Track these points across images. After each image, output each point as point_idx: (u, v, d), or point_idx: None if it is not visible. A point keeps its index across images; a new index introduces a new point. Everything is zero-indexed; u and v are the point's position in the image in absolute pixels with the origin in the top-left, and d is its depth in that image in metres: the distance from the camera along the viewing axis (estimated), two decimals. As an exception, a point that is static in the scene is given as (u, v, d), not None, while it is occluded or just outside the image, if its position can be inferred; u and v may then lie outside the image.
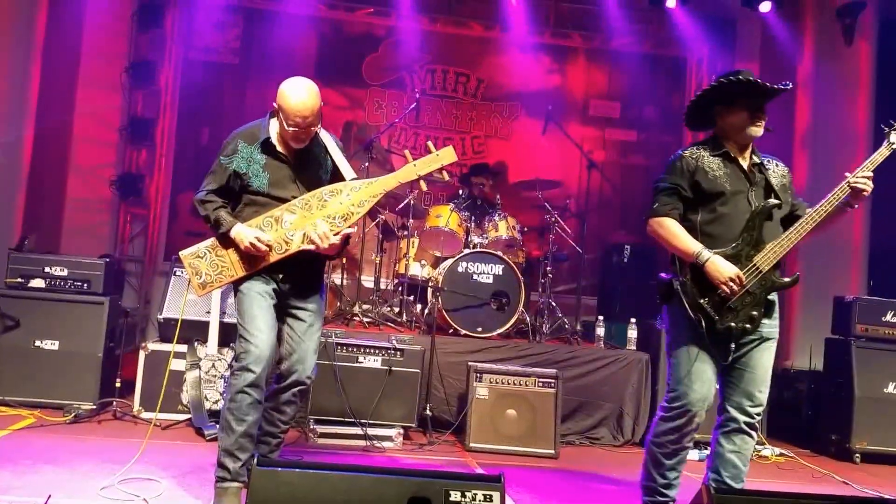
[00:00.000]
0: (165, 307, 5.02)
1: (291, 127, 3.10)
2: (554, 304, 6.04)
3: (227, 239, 3.17)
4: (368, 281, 6.62)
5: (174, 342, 4.23)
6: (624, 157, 8.08)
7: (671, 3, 7.15)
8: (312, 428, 4.56)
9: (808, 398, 5.98)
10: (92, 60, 7.00)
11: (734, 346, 3.06)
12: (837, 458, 5.26)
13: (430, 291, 5.67)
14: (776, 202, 3.06)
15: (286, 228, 3.16)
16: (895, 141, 3.05)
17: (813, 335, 6.14)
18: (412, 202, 5.94)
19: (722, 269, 2.96)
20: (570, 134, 6.93)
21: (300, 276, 3.26)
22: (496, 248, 5.84)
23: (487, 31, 7.85)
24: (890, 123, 3.09)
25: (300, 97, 3.09)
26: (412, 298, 5.97)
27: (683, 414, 3.09)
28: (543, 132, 6.95)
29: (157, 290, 6.70)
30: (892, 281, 6.56)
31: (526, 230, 6.32)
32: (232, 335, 4.69)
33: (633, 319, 5.69)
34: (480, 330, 5.43)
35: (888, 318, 5.42)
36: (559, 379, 4.85)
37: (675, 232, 3.07)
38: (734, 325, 3.00)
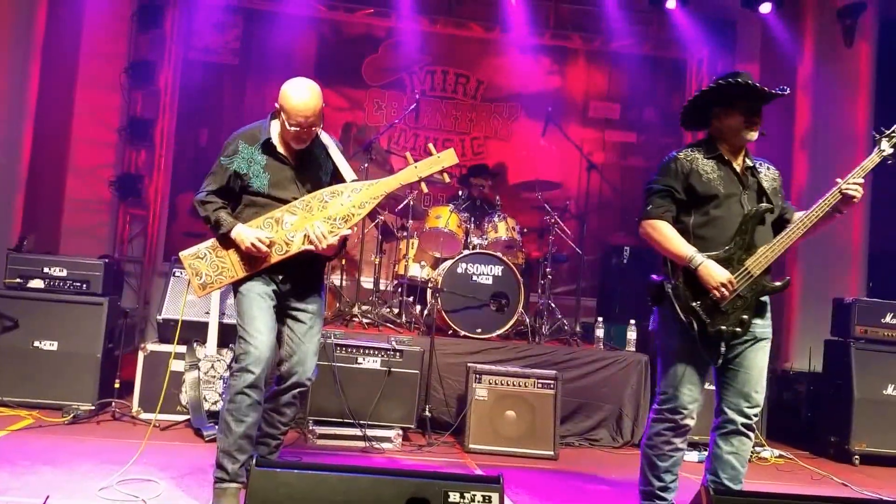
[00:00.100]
0: (164, 308, 5.02)
1: (293, 127, 3.10)
2: (553, 305, 6.04)
3: (227, 240, 3.16)
4: (368, 282, 6.61)
5: (174, 343, 4.23)
6: (624, 158, 8.07)
7: (671, 4, 7.14)
8: (311, 429, 4.56)
9: (807, 400, 5.97)
10: (91, 60, 6.99)
11: (724, 348, 3.07)
12: (836, 459, 5.26)
13: (429, 292, 5.67)
14: (769, 206, 3.08)
15: (287, 229, 3.15)
16: (886, 148, 3.06)
17: (812, 337, 6.14)
18: (412, 203, 5.94)
19: (714, 273, 2.96)
20: (569, 135, 6.92)
21: (300, 277, 3.25)
22: (496, 249, 5.84)
23: (487, 32, 7.84)
24: (881, 130, 3.10)
25: (302, 97, 3.08)
26: (411, 299, 5.97)
27: (675, 415, 3.09)
28: (543, 133, 6.95)
29: (156, 290, 6.69)
30: (891, 282, 6.56)
31: (525, 231, 6.32)
32: (231, 336, 4.69)
33: (632, 321, 5.68)
34: (480, 331, 5.43)
35: (887, 319, 5.42)
36: (558, 380, 4.85)
37: (668, 235, 3.07)
38: (725, 328, 3.00)
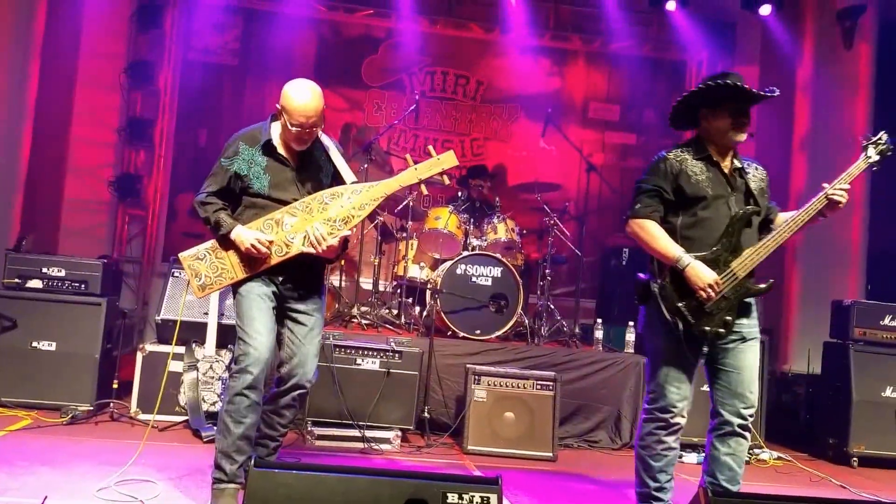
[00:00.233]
0: (163, 308, 5.01)
1: (295, 127, 3.10)
2: (552, 306, 6.03)
3: (227, 241, 3.16)
4: (367, 283, 6.61)
5: (173, 343, 4.22)
6: (623, 160, 8.07)
7: (671, 6, 7.15)
8: (310, 430, 4.55)
9: (805, 402, 5.97)
10: (91, 60, 6.99)
11: (707, 348, 3.11)
12: (835, 461, 5.25)
13: (428, 293, 5.67)
14: (756, 209, 3.11)
15: (287, 231, 3.15)
16: (872, 155, 3.09)
17: (811, 339, 6.14)
18: (411, 204, 5.94)
19: (702, 274, 2.98)
20: (569, 137, 6.93)
21: (300, 278, 3.25)
22: (495, 250, 5.84)
23: (487, 33, 7.84)
24: (868, 137, 3.12)
25: (304, 98, 3.09)
26: (411, 300, 5.97)
27: (665, 414, 3.11)
28: (543, 135, 6.95)
29: (154, 291, 6.68)
30: (890, 285, 6.56)
31: (525, 233, 6.32)
32: (230, 337, 4.70)
33: (631, 323, 5.66)
34: (479, 332, 5.43)
35: (886, 321, 5.42)
36: (557, 382, 4.84)
37: (655, 235, 3.10)
38: (709, 329, 3.02)
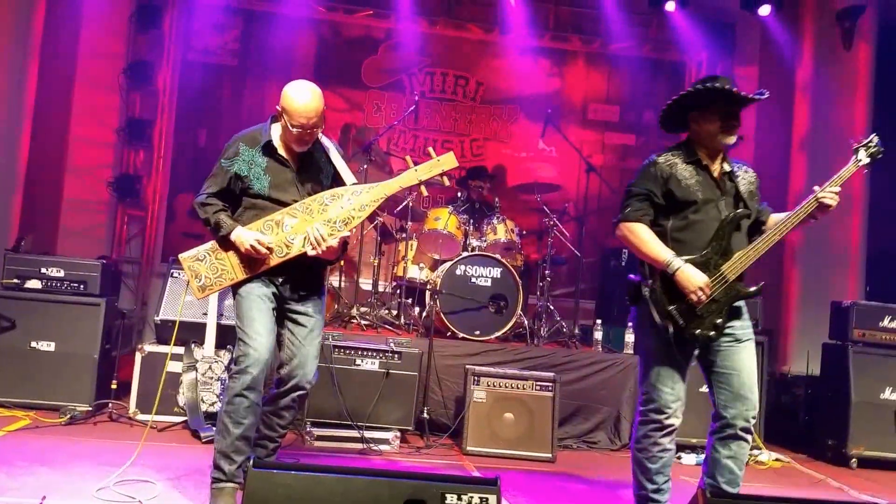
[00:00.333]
0: (162, 309, 5.00)
1: (296, 128, 3.10)
2: (552, 307, 6.03)
3: (227, 242, 3.15)
4: (366, 283, 6.61)
5: (172, 344, 4.21)
6: (623, 160, 8.07)
7: (670, 6, 7.15)
8: (309, 430, 4.55)
9: (805, 403, 5.97)
10: (90, 61, 6.99)
11: (698, 351, 3.12)
12: (834, 463, 5.25)
13: (428, 294, 5.67)
14: (745, 212, 3.12)
15: (287, 232, 3.14)
16: (862, 158, 3.10)
17: (810, 340, 6.13)
18: (411, 205, 5.94)
19: (692, 278, 2.99)
20: (568, 137, 6.92)
21: (300, 279, 3.24)
22: (494, 251, 5.83)
23: (487, 34, 7.84)
24: (858, 140, 3.13)
25: (305, 99, 3.09)
26: (410, 301, 5.96)
27: (659, 415, 3.11)
28: (542, 135, 6.95)
29: (153, 291, 6.68)
30: (889, 286, 6.56)
31: (524, 233, 6.31)
32: (229, 337, 4.70)
33: (630, 323, 5.67)
34: (478, 333, 5.42)
35: (885, 323, 5.41)
36: (557, 383, 4.84)
37: (645, 238, 3.10)
38: (699, 332, 3.03)
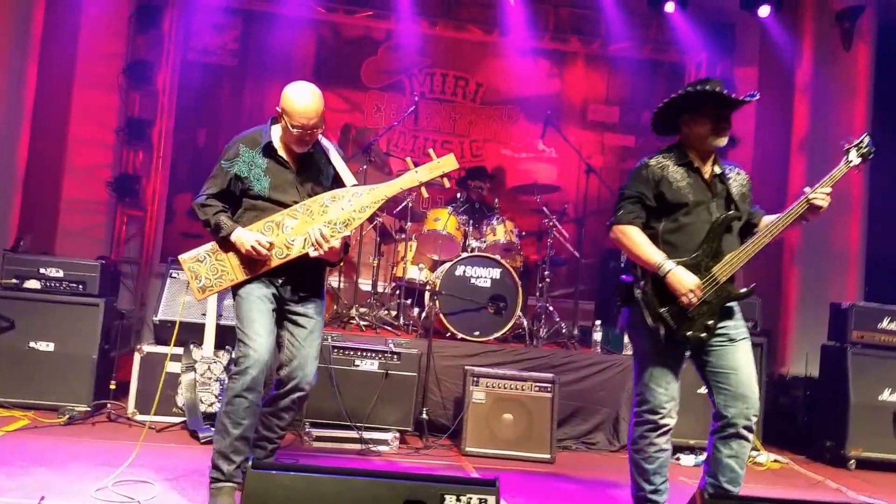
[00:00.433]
0: (161, 309, 5.00)
1: (296, 129, 3.10)
2: (551, 308, 6.02)
3: (227, 243, 3.15)
4: (366, 284, 6.60)
5: (171, 344, 4.20)
6: (622, 161, 8.06)
7: (670, 7, 7.14)
8: (308, 431, 4.55)
9: (803, 404, 5.96)
10: (89, 61, 6.97)
11: (689, 352, 3.14)
12: (832, 464, 5.24)
13: (427, 295, 5.66)
14: (736, 214, 3.13)
15: (287, 233, 3.14)
16: (853, 158, 3.10)
17: (809, 341, 6.13)
18: (410, 205, 5.93)
19: (683, 280, 3.00)
20: (568, 138, 6.92)
21: (300, 280, 3.24)
22: (494, 252, 5.83)
23: (487, 35, 7.82)
24: (850, 140, 3.13)
25: (305, 100, 3.09)
26: (409, 302, 5.96)
27: (653, 416, 3.13)
28: (542, 137, 6.95)
29: (152, 292, 6.67)
30: (888, 288, 6.56)
31: (524, 234, 6.31)
32: (228, 338, 4.70)
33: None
34: (477, 334, 5.42)
35: (884, 324, 5.41)
36: (556, 383, 4.84)
37: (637, 241, 3.12)
38: (690, 333, 3.05)
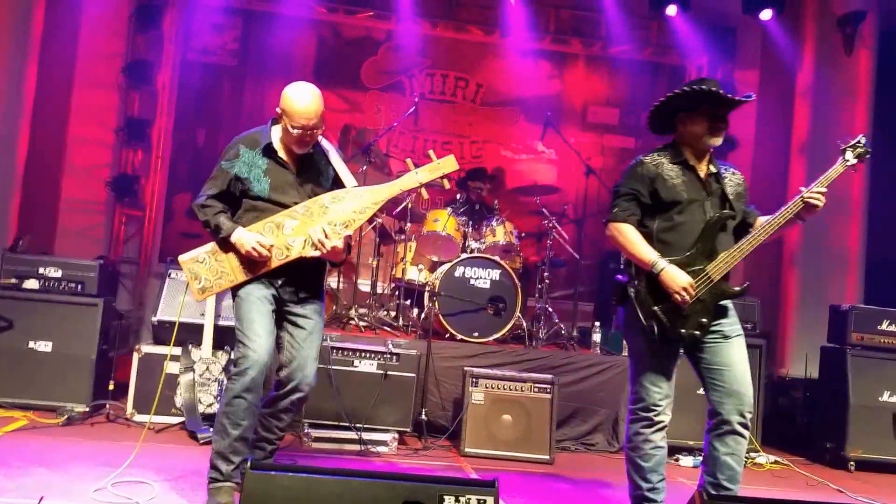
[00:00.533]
0: (160, 309, 4.99)
1: (297, 130, 3.10)
2: (550, 309, 6.02)
3: (226, 244, 3.14)
4: (365, 285, 6.60)
5: (171, 345, 4.20)
6: (622, 163, 8.05)
7: (671, 10, 7.15)
8: (307, 432, 4.54)
9: (803, 406, 5.97)
10: (89, 60, 6.97)
11: (684, 349, 3.15)
12: (832, 465, 5.25)
13: (426, 296, 5.66)
14: (730, 213, 3.14)
15: (287, 234, 3.14)
16: (850, 159, 3.11)
17: (809, 343, 6.14)
18: (410, 206, 5.93)
19: (676, 278, 3.01)
20: (568, 140, 6.92)
21: (300, 281, 3.24)
22: (493, 253, 5.83)
23: (487, 36, 7.83)
24: (846, 140, 3.14)
25: (305, 100, 3.09)
26: (409, 303, 5.96)
27: (648, 413, 3.14)
28: (542, 138, 6.95)
29: (151, 292, 6.67)
30: (888, 290, 6.56)
31: (523, 236, 6.31)
32: (227, 338, 4.69)
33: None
34: (477, 335, 5.42)
35: (884, 326, 5.42)
36: (555, 384, 4.84)
37: (632, 239, 3.13)
38: (684, 331, 3.05)
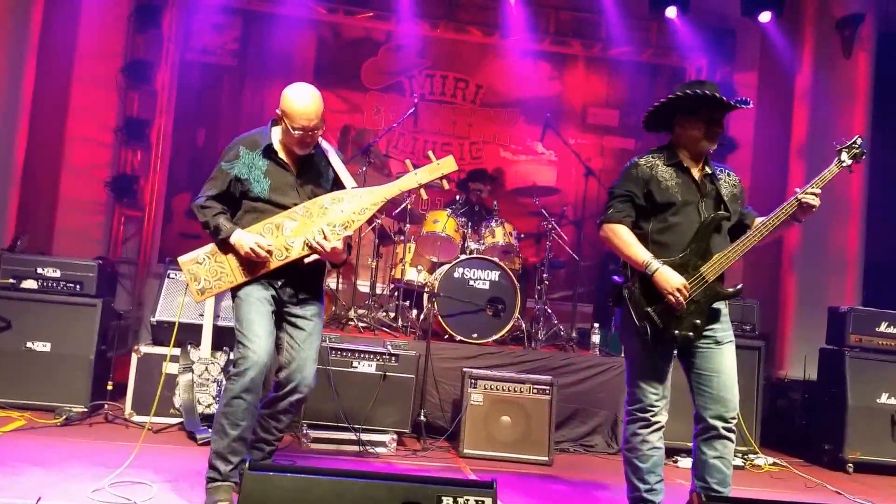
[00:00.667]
0: (158, 310, 4.99)
1: (297, 131, 3.10)
2: (550, 310, 6.02)
3: (226, 245, 3.14)
4: (364, 285, 6.59)
5: (171, 345, 4.19)
6: (622, 165, 7.92)
7: (671, 12, 7.15)
8: (305, 432, 4.54)
9: (801, 407, 5.98)
10: (88, 60, 6.96)
11: (678, 352, 3.16)
12: (830, 467, 5.25)
13: (425, 297, 5.65)
14: (725, 214, 3.14)
15: (287, 235, 3.14)
16: (845, 159, 3.11)
17: (807, 345, 6.15)
18: (409, 207, 5.93)
19: (670, 279, 3.02)
20: (568, 141, 6.93)
21: (300, 283, 3.24)
22: (493, 254, 5.83)
23: (487, 37, 7.83)
24: (842, 141, 3.14)
25: (305, 101, 3.09)
26: (408, 304, 5.96)
27: (645, 413, 3.14)
28: (542, 139, 6.95)
29: (150, 292, 6.65)
30: (886, 291, 6.57)
31: (523, 237, 6.30)
32: (225, 339, 4.69)
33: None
34: (476, 336, 5.42)
35: (882, 328, 5.43)
36: (554, 386, 4.84)
37: (626, 240, 3.15)
38: (678, 332, 3.06)
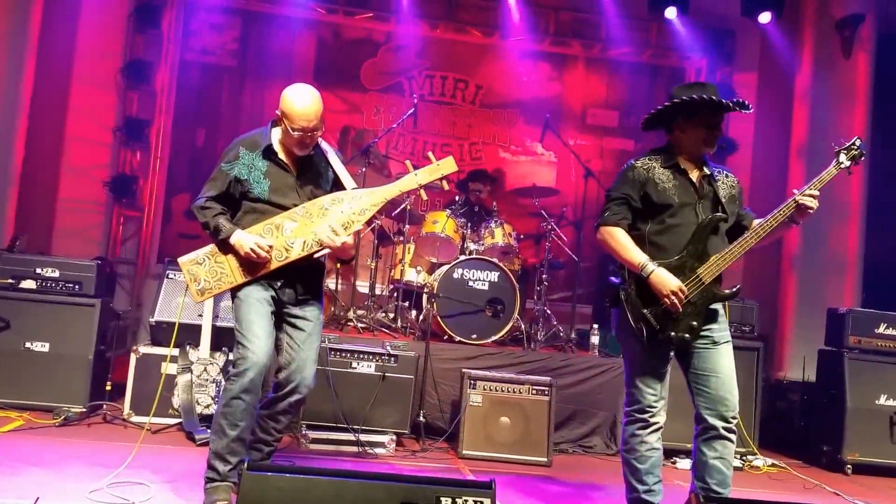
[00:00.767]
0: (157, 310, 4.98)
1: (297, 132, 3.10)
2: (549, 311, 6.02)
3: (226, 245, 3.15)
4: (363, 286, 6.59)
5: (170, 346, 4.18)
6: (621, 165, 7.98)
7: (671, 13, 7.16)
8: (304, 433, 4.54)
9: (800, 409, 5.97)
10: (87, 60, 6.95)
11: (674, 353, 3.16)
12: (829, 469, 5.25)
13: (425, 297, 5.65)
14: (722, 216, 3.15)
15: (287, 236, 3.15)
16: (844, 161, 3.11)
17: (806, 346, 6.15)
18: (408, 208, 5.93)
19: (666, 281, 3.02)
20: (567, 142, 6.93)
21: (299, 283, 3.24)
22: (492, 254, 5.83)
23: (487, 37, 7.83)
24: (840, 142, 3.14)
25: (305, 102, 3.09)
26: (407, 304, 5.96)
27: (643, 414, 3.15)
28: (541, 140, 6.95)
29: (149, 292, 6.65)
30: (885, 293, 6.57)
31: (522, 237, 6.30)
32: (224, 339, 4.69)
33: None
34: (475, 337, 5.41)
35: (881, 330, 5.43)
36: (553, 387, 4.84)
37: (622, 242, 3.15)
38: (674, 334, 3.06)
